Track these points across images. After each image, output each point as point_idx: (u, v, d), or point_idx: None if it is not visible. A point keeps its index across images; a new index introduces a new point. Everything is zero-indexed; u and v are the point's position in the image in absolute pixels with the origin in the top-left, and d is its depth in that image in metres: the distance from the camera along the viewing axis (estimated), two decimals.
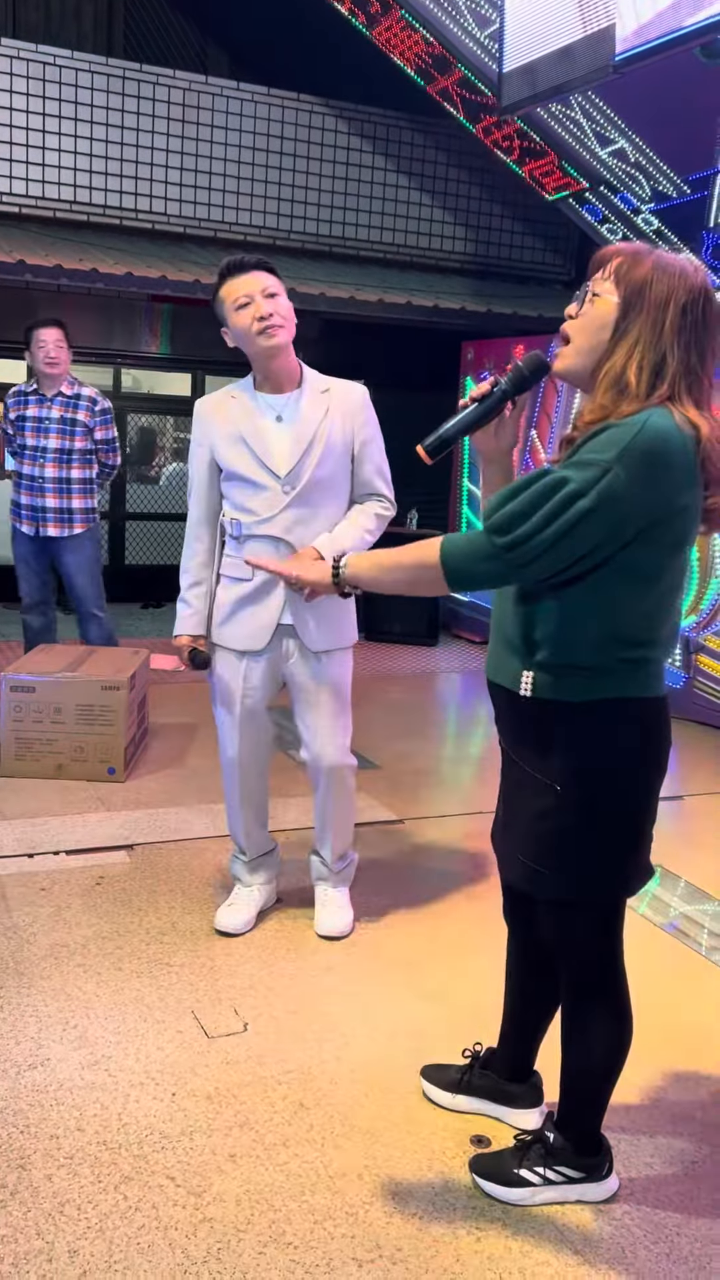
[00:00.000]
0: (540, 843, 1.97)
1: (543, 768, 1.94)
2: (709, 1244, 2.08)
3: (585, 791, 1.91)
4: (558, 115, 5.83)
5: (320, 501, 2.95)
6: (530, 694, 1.91)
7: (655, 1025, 2.83)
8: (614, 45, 4.24)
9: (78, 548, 5.31)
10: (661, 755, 1.97)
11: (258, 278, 2.85)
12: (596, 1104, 2.14)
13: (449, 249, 9.65)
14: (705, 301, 1.83)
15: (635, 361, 1.81)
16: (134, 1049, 2.58)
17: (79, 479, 5.28)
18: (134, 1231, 2.02)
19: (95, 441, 5.31)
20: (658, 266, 1.83)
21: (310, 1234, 2.04)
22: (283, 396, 2.95)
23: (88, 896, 3.37)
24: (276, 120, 8.82)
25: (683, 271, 1.83)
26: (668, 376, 1.81)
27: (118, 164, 8.39)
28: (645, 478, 1.72)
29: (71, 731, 4.36)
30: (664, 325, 1.81)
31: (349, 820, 3.24)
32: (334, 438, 2.93)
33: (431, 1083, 2.45)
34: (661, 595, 1.86)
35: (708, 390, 1.85)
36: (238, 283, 2.85)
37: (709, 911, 3.54)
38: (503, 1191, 2.15)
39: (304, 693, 3.06)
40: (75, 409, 5.24)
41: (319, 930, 3.18)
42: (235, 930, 3.16)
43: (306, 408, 2.93)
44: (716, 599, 5.74)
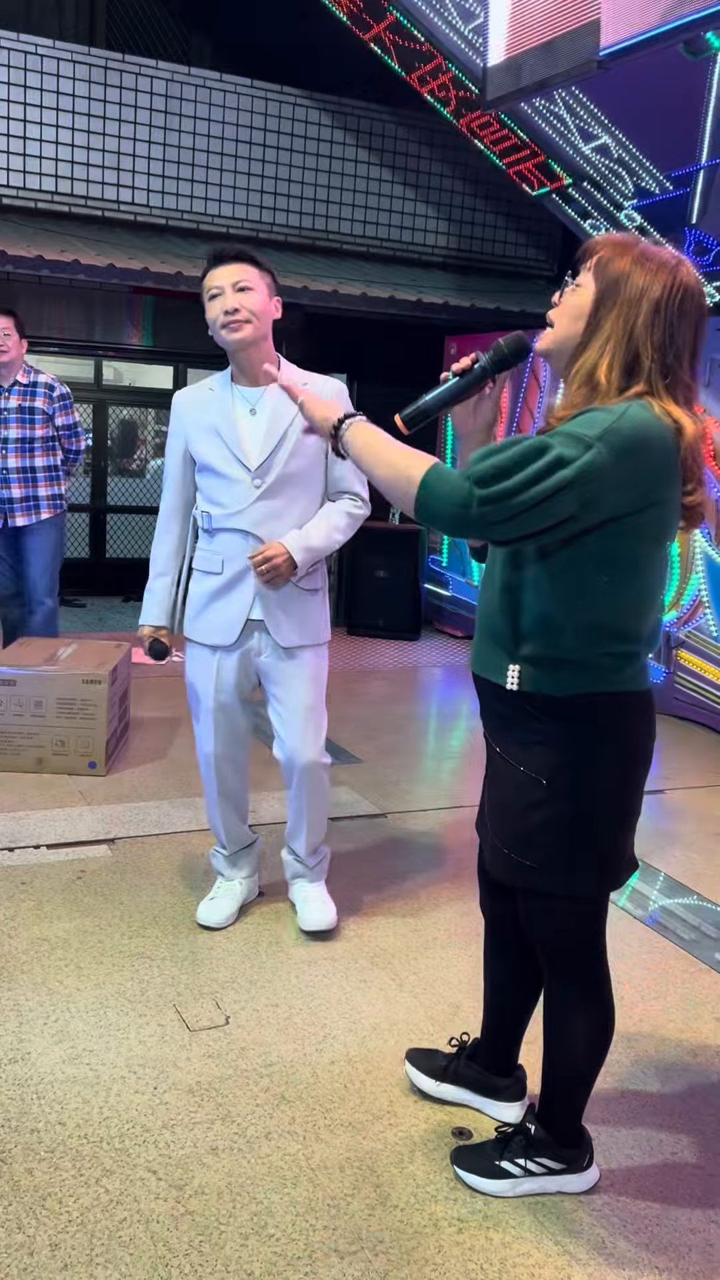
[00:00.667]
0: (525, 837, 1.97)
1: (528, 761, 1.94)
2: (688, 1233, 2.09)
3: (570, 785, 1.92)
4: (541, 110, 5.82)
5: (291, 496, 2.94)
6: (516, 687, 1.91)
7: (635, 1018, 2.85)
8: (598, 40, 4.25)
9: (41, 532, 5.33)
10: (646, 749, 1.98)
11: (234, 270, 2.85)
12: (578, 1095, 2.15)
13: (432, 243, 9.65)
14: (683, 298, 1.81)
15: (606, 359, 1.81)
16: (115, 1043, 2.58)
17: (43, 466, 5.29)
18: (115, 1225, 2.02)
19: (56, 428, 5.30)
20: (637, 261, 1.82)
21: (292, 1226, 2.04)
22: (258, 390, 2.94)
23: (69, 891, 3.36)
24: (260, 112, 8.79)
25: (662, 266, 1.81)
26: (642, 374, 1.80)
27: (100, 155, 8.34)
28: (625, 462, 1.72)
29: (52, 725, 4.34)
30: (636, 322, 1.80)
31: (322, 816, 3.21)
32: (304, 434, 2.91)
33: (417, 1068, 2.45)
34: (644, 589, 1.87)
35: (688, 387, 1.83)
36: (215, 273, 2.86)
37: (689, 905, 3.56)
38: (484, 1183, 2.15)
39: (275, 688, 3.06)
40: (33, 396, 5.24)
41: (304, 927, 3.17)
42: (216, 924, 3.16)
43: (280, 401, 2.90)
44: (696, 594, 5.77)
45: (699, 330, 1.84)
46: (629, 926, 3.37)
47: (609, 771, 1.92)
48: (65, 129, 8.20)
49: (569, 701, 1.88)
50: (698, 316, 1.83)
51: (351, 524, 3.01)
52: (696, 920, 3.44)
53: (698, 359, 1.85)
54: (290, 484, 2.93)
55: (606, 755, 1.91)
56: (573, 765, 1.91)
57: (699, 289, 1.84)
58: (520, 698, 1.92)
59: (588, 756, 1.91)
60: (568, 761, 1.91)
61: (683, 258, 1.86)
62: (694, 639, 5.82)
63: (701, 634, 5.78)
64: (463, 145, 7.53)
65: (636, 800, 2.00)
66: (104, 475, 9.64)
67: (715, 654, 5.70)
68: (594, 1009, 2.10)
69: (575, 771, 1.91)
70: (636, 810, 2.01)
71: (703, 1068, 2.65)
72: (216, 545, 3.00)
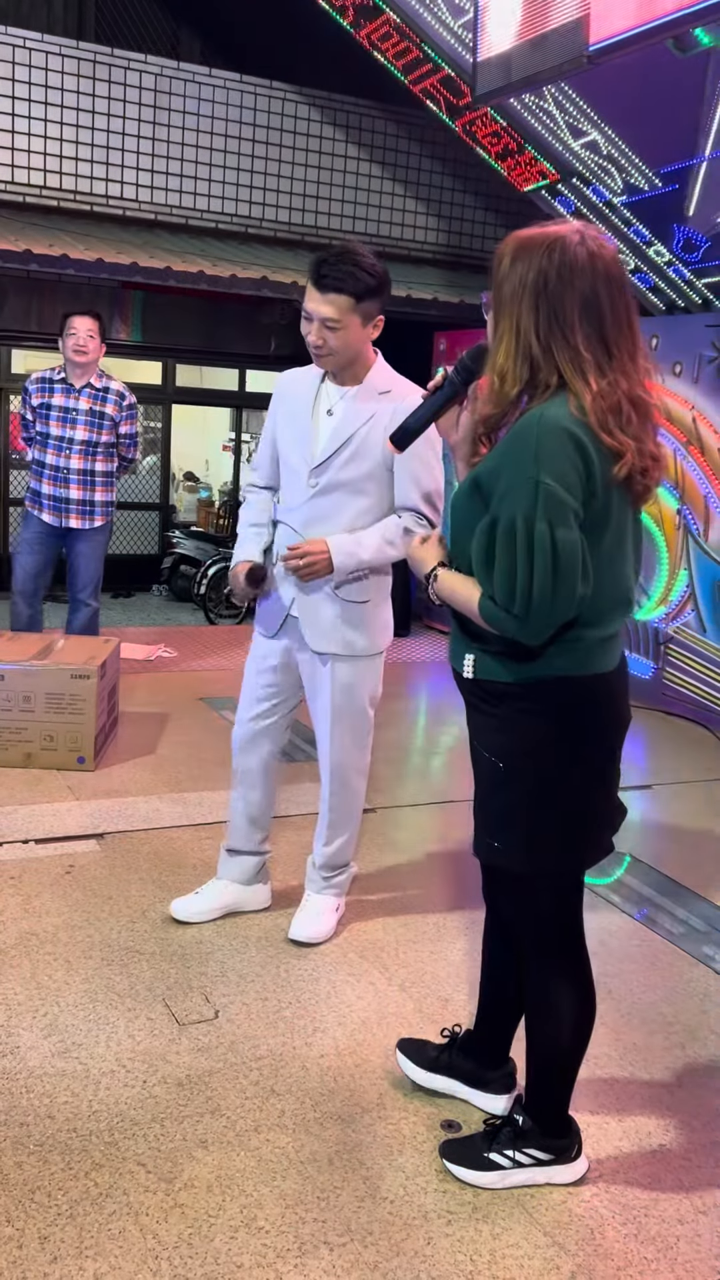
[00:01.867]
0: (492, 817, 2.03)
1: (488, 745, 2.00)
2: (676, 1224, 2.10)
3: (524, 768, 1.96)
4: (531, 106, 5.82)
5: (342, 501, 2.85)
6: (472, 675, 1.98)
7: (625, 1011, 2.86)
8: (588, 36, 4.25)
9: (93, 537, 5.32)
10: (604, 730, 1.99)
11: (326, 303, 2.70)
12: (562, 1081, 2.16)
13: (421, 239, 9.65)
14: (559, 271, 1.79)
15: (508, 362, 1.83)
16: (105, 1037, 2.58)
17: (103, 471, 5.27)
18: (105, 1218, 2.01)
19: (119, 435, 5.28)
20: (515, 255, 1.83)
21: (281, 1218, 2.04)
22: (342, 389, 2.89)
23: (58, 885, 3.35)
24: (249, 107, 8.77)
25: (536, 249, 1.80)
26: (541, 368, 1.81)
27: (89, 149, 8.32)
28: (565, 464, 1.76)
29: (41, 720, 4.33)
30: (520, 318, 1.81)
31: (342, 832, 3.11)
32: (373, 441, 2.80)
33: (408, 1058, 2.46)
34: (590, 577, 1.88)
35: (590, 361, 1.80)
36: (311, 295, 2.73)
37: (677, 899, 3.57)
38: (473, 1175, 2.16)
39: (309, 690, 3.04)
40: (104, 402, 5.22)
41: (289, 934, 3.10)
42: (182, 916, 3.14)
43: (356, 405, 2.84)
44: (685, 591, 5.79)
45: (595, 294, 1.80)
46: (618, 920, 3.38)
47: (560, 754, 1.95)
48: (54, 123, 8.17)
49: (517, 687, 1.93)
50: (586, 281, 1.79)
51: (407, 541, 2.84)
52: (685, 914, 3.46)
53: (606, 321, 1.81)
54: (343, 489, 2.85)
55: (555, 738, 1.94)
56: (524, 748, 1.95)
57: (583, 254, 1.80)
58: (476, 684, 1.99)
59: (538, 739, 1.95)
60: (520, 745, 1.96)
61: (569, 229, 1.83)
62: (682, 635, 5.84)
63: (690, 630, 5.79)
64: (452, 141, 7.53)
65: (602, 780, 2.02)
66: None
67: (703, 649, 5.72)
68: (573, 990, 2.11)
69: (527, 755, 1.96)
70: (604, 791, 2.03)
71: (691, 1060, 2.66)
72: (276, 537, 2.99)
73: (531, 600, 1.77)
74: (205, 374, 10.00)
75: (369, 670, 3.00)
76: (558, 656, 1.90)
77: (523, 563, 1.76)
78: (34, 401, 5.22)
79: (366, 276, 2.70)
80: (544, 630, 1.82)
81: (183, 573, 9.09)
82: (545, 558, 1.75)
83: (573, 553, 1.76)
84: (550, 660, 1.90)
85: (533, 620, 1.79)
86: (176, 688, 5.77)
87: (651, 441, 1.86)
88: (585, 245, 1.81)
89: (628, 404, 1.81)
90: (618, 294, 1.82)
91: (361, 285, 2.69)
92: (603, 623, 1.92)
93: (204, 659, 6.57)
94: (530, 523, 1.75)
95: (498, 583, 1.80)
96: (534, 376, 1.83)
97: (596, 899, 3.50)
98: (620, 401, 1.80)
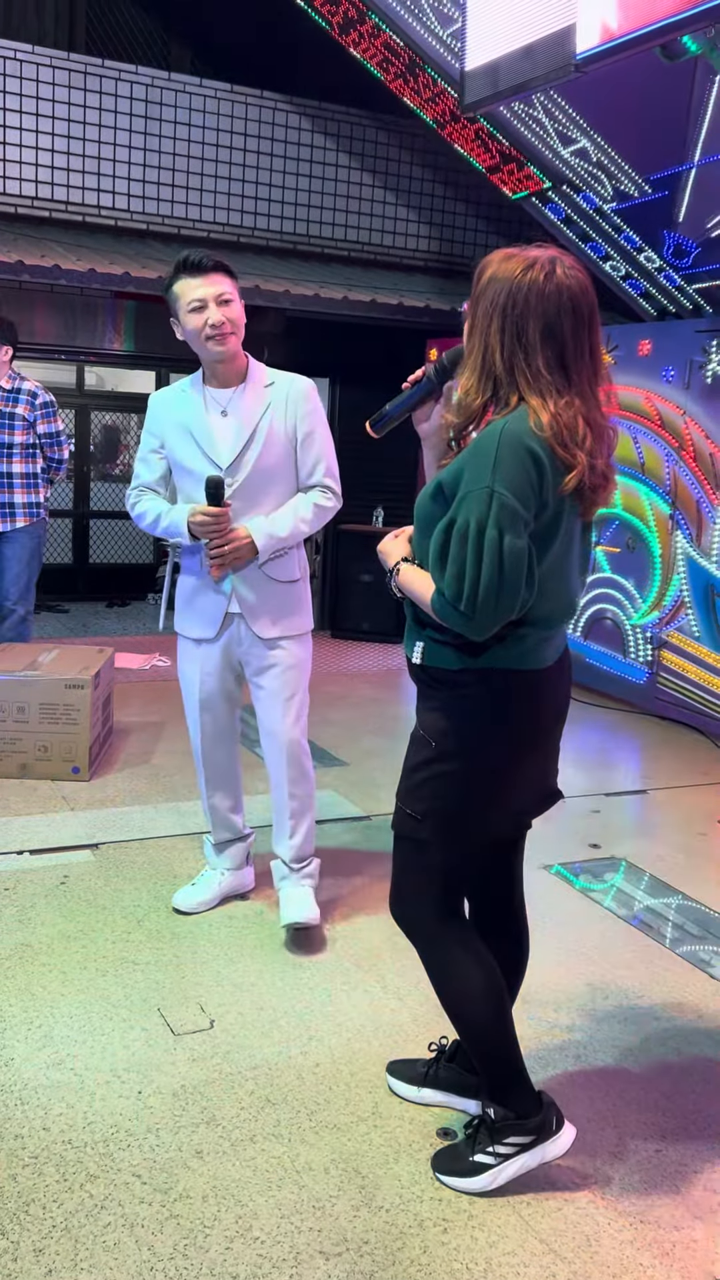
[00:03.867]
0: (411, 788, 2.14)
1: (425, 724, 2.11)
2: (672, 1230, 2.10)
3: (453, 748, 2.06)
4: (520, 114, 5.84)
5: (263, 491, 3.02)
6: (420, 661, 2.10)
7: (620, 1017, 2.85)
8: (575, 44, 4.27)
9: (16, 540, 5.32)
10: (535, 720, 2.09)
11: (214, 282, 2.90)
12: (504, 1057, 2.17)
13: (413, 247, 9.66)
14: (526, 299, 1.89)
15: (472, 380, 1.95)
16: (100, 1047, 2.57)
17: (20, 473, 5.28)
18: (100, 1229, 2.01)
19: (38, 436, 5.28)
20: (492, 279, 1.94)
21: (277, 1228, 2.04)
22: (228, 391, 3.03)
23: (52, 896, 3.35)
24: (240, 117, 8.79)
25: (509, 274, 1.91)
26: (501, 384, 1.93)
27: (80, 160, 8.33)
28: (520, 476, 1.86)
29: (35, 730, 4.32)
30: (490, 336, 1.93)
31: (306, 817, 3.22)
32: (275, 430, 3.00)
33: (397, 1078, 2.46)
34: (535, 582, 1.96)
35: (549, 382, 1.90)
36: (194, 284, 2.90)
37: (672, 904, 3.57)
38: (467, 1183, 2.16)
39: (257, 677, 3.14)
40: (15, 403, 5.23)
41: (284, 920, 3.11)
42: (185, 908, 3.26)
43: (249, 401, 3.01)
44: (678, 595, 5.80)
45: (558, 321, 1.89)
46: (613, 925, 3.38)
47: (488, 736, 2.05)
48: (45, 134, 8.19)
49: (458, 674, 2.04)
50: (551, 309, 1.89)
51: (320, 514, 3.08)
52: (680, 919, 3.46)
53: (567, 348, 1.91)
54: (260, 480, 3.01)
55: (488, 721, 2.05)
56: (457, 730, 2.06)
57: (551, 284, 1.89)
58: (423, 670, 2.10)
59: (471, 723, 2.05)
60: (453, 726, 2.06)
61: (542, 257, 1.92)
62: (676, 639, 5.85)
63: (684, 634, 5.80)
64: (443, 149, 7.56)
65: (520, 768, 2.10)
66: (86, 480, 9.61)
67: (697, 654, 5.73)
68: (470, 959, 2.16)
69: (457, 734, 2.06)
70: (524, 777, 2.12)
71: (686, 1065, 2.66)
72: (196, 541, 3.06)
73: (477, 599, 1.88)
74: None
75: (307, 647, 3.18)
76: (500, 650, 2.01)
77: (471, 564, 1.87)
78: None
79: (229, 264, 2.95)
80: (488, 627, 1.93)
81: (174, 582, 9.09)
82: (493, 562, 1.86)
83: (519, 559, 1.87)
84: (493, 653, 2.01)
85: (478, 618, 1.90)
86: (172, 697, 5.76)
87: (603, 460, 1.97)
88: (555, 275, 1.91)
89: (583, 424, 1.91)
90: (580, 323, 1.92)
91: (230, 266, 2.95)
92: (547, 624, 2.04)
93: None
94: (482, 528, 1.86)
95: (449, 581, 1.91)
96: (496, 392, 1.95)
97: (591, 904, 3.50)
98: (576, 421, 1.90)
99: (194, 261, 2.89)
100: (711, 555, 5.58)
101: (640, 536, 6.05)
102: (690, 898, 3.62)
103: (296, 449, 3.05)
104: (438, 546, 1.95)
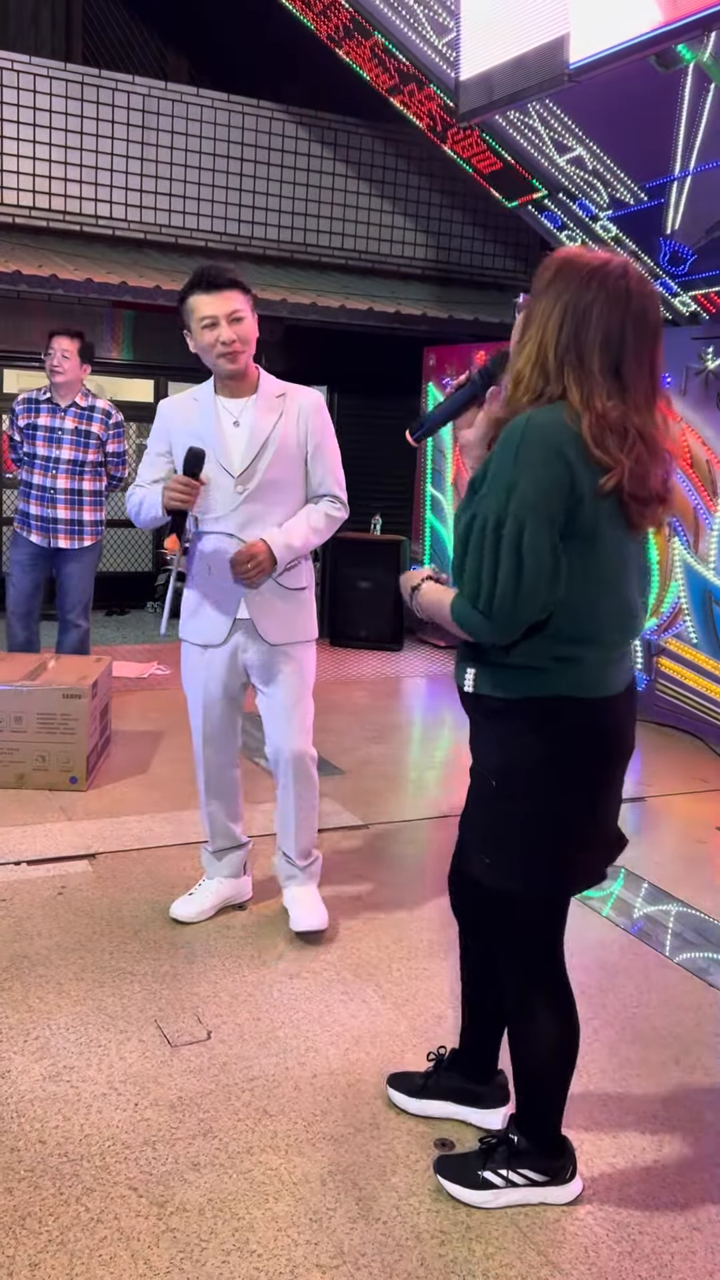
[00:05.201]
0: (482, 832, 2.04)
1: (484, 761, 2.01)
2: (670, 1241, 2.09)
3: (515, 786, 1.96)
4: (516, 123, 5.86)
5: (273, 501, 3.04)
6: (472, 689, 1.98)
7: (618, 1025, 2.85)
8: (569, 54, 4.28)
9: (82, 557, 5.32)
10: (601, 756, 1.98)
11: (228, 299, 2.91)
12: (550, 1103, 2.15)
13: (410, 255, 9.68)
14: (592, 300, 1.83)
15: (527, 365, 1.88)
16: (96, 1059, 2.57)
17: (90, 491, 5.27)
18: (96, 1243, 2.00)
19: (106, 454, 5.29)
20: (560, 274, 1.87)
21: (274, 1241, 2.03)
22: (239, 401, 3.05)
23: (49, 907, 3.34)
24: (236, 126, 8.81)
25: (579, 273, 1.85)
26: (552, 376, 1.86)
27: (77, 170, 8.35)
28: (544, 469, 1.78)
29: (33, 740, 4.32)
30: (548, 327, 1.86)
31: (311, 816, 3.29)
32: (287, 440, 3.04)
33: (398, 1090, 2.45)
34: (588, 591, 1.88)
35: (600, 384, 1.84)
36: (207, 301, 2.90)
37: (671, 912, 3.56)
38: (466, 1194, 2.15)
39: (264, 684, 3.16)
40: (90, 421, 5.23)
41: (294, 928, 3.20)
42: (184, 918, 3.25)
43: (261, 412, 3.04)
44: (676, 602, 5.80)
45: (621, 329, 1.84)
46: (612, 934, 3.37)
47: (552, 776, 1.94)
48: (42, 144, 8.21)
49: (513, 704, 1.93)
50: (617, 316, 1.83)
51: (330, 524, 3.12)
52: (679, 927, 3.45)
53: (626, 357, 1.85)
54: (272, 489, 3.04)
55: (549, 759, 1.94)
56: (516, 766, 1.96)
57: (621, 288, 1.84)
58: (475, 699, 2.00)
59: (528, 758, 1.94)
60: (512, 762, 1.96)
61: (615, 262, 1.87)
62: (674, 646, 5.85)
63: (681, 641, 5.80)
64: (439, 158, 7.58)
65: (596, 806, 2.00)
66: None
67: (695, 661, 5.72)
68: (553, 1012, 2.10)
69: (518, 772, 1.95)
70: (599, 816, 2.02)
71: (685, 1075, 2.65)
72: (204, 547, 3.09)
73: (495, 596, 1.81)
74: None
75: (312, 654, 3.21)
76: (558, 675, 1.90)
77: (489, 559, 1.81)
78: (20, 422, 5.24)
79: (242, 279, 2.98)
80: (510, 628, 1.85)
81: (177, 589, 9.08)
82: (511, 556, 1.79)
83: (539, 554, 1.79)
84: (550, 679, 1.90)
85: (497, 617, 1.82)
86: (169, 706, 5.76)
87: (657, 479, 1.87)
88: (626, 280, 1.85)
89: (635, 434, 1.82)
90: (644, 335, 1.86)
91: (245, 282, 2.97)
92: (602, 642, 1.93)
93: None
94: (500, 522, 1.80)
95: (468, 578, 1.86)
96: (545, 387, 1.87)
97: (589, 912, 3.49)
98: (627, 428, 1.82)
99: (209, 278, 2.90)
100: (709, 562, 5.58)
101: None
102: (689, 905, 3.61)
103: (307, 460, 3.09)
104: (459, 543, 1.88)
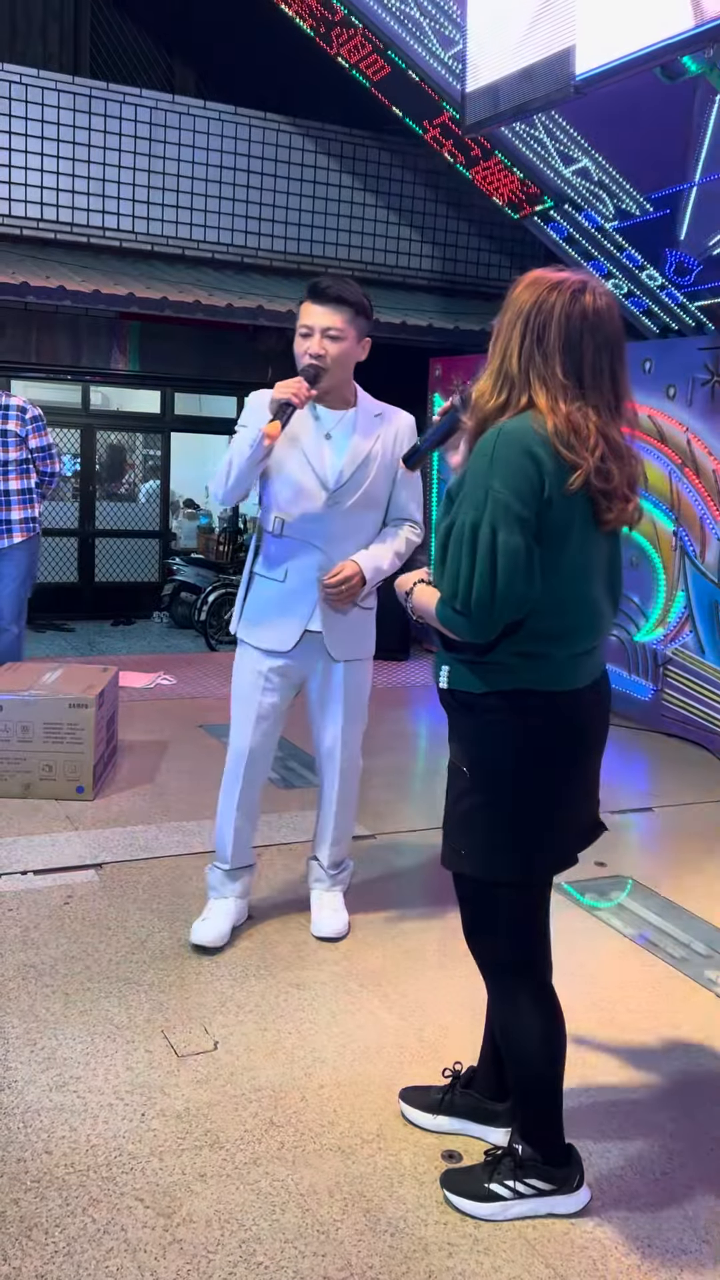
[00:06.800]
0: (454, 821, 2.09)
1: (458, 752, 2.09)
2: (679, 1254, 2.08)
3: (484, 776, 2.03)
4: (522, 134, 5.88)
5: (360, 519, 3.06)
6: (447, 685, 2.07)
7: (626, 1036, 2.83)
8: (575, 66, 4.29)
9: (12, 557, 5.34)
10: (569, 744, 2.05)
11: (329, 315, 2.89)
12: (547, 1105, 2.15)
13: (416, 266, 9.71)
14: (551, 310, 1.91)
15: (489, 381, 1.97)
16: (103, 1069, 2.56)
17: (17, 489, 5.32)
18: (102, 1255, 1.99)
19: (30, 450, 5.32)
20: (524, 290, 1.95)
21: (281, 1253, 2.02)
22: (336, 414, 3.04)
23: (56, 916, 3.34)
24: (243, 139, 8.86)
25: (542, 287, 1.93)
26: (514, 386, 1.94)
27: (85, 182, 8.40)
28: (516, 472, 1.86)
29: (39, 750, 4.32)
30: (512, 340, 1.94)
31: (348, 826, 3.32)
32: (382, 461, 3.05)
33: (412, 1105, 2.43)
34: (555, 591, 1.94)
35: (562, 386, 1.91)
36: (311, 310, 2.91)
37: (679, 923, 3.55)
38: (473, 1206, 2.14)
39: (322, 696, 3.16)
40: (5, 419, 5.27)
41: (315, 932, 3.23)
42: (210, 943, 3.13)
43: (360, 429, 3.04)
44: (683, 612, 5.79)
45: (580, 340, 1.91)
46: (620, 944, 3.36)
47: (522, 764, 2.01)
48: (50, 157, 8.25)
49: (482, 698, 2.01)
50: (575, 327, 1.91)
51: (409, 549, 3.16)
52: (687, 938, 3.44)
53: (584, 366, 1.92)
54: (360, 507, 3.05)
55: (519, 748, 2.01)
56: (486, 757, 2.03)
57: (580, 304, 1.92)
58: (451, 694, 2.07)
59: (497, 749, 2.02)
60: (482, 753, 2.04)
61: (575, 277, 1.96)
62: (681, 656, 5.84)
63: (689, 651, 5.79)
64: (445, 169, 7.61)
65: (558, 796, 2.05)
66: (92, 499, 9.64)
67: (702, 670, 5.71)
68: (534, 1008, 2.12)
69: (488, 762, 2.03)
70: (562, 806, 2.06)
71: (693, 1086, 2.64)
72: (283, 553, 3.05)
73: (473, 597, 1.88)
74: (204, 402, 10.07)
75: (370, 670, 3.23)
76: (528, 671, 1.98)
77: (466, 562, 1.88)
78: None
79: (360, 294, 2.95)
80: (489, 627, 1.92)
81: (183, 599, 9.10)
82: (487, 558, 1.86)
83: (514, 555, 1.87)
84: (518, 673, 1.99)
85: (476, 616, 1.90)
86: (176, 715, 5.77)
87: (623, 480, 1.95)
88: (582, 296, 1.93)
89: (598, 436, 1.91)
90: (601, 346, 1.94)
91: (358, 299, 2.93)
92: (569, 640, 2.00)
93: (204, 686, 6.57)
94: (477, 526, 1.87)
95: (447, 581, 1.93)
96: (510, 396, 1.95)
97: (598, 923, 3.48)
98: (589, 430, 1.90)
99: (319, 288, 2.90)
100: (716, 571, 5.58)
101: (644, 553, 6.05)
102: (698, 916, 3.60)
103: (395, 482, 3.10)
104: (439, 549, 1.96)
